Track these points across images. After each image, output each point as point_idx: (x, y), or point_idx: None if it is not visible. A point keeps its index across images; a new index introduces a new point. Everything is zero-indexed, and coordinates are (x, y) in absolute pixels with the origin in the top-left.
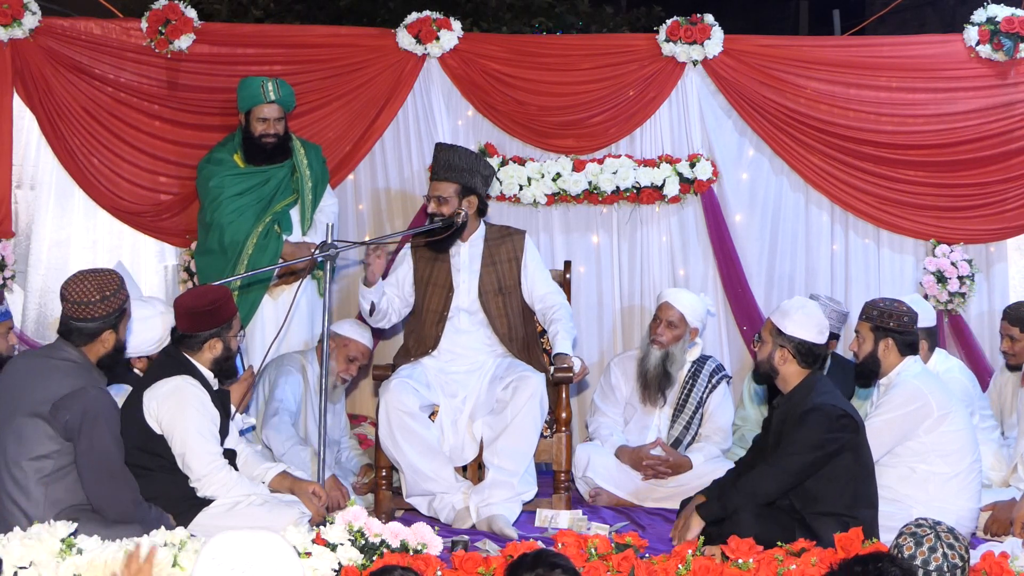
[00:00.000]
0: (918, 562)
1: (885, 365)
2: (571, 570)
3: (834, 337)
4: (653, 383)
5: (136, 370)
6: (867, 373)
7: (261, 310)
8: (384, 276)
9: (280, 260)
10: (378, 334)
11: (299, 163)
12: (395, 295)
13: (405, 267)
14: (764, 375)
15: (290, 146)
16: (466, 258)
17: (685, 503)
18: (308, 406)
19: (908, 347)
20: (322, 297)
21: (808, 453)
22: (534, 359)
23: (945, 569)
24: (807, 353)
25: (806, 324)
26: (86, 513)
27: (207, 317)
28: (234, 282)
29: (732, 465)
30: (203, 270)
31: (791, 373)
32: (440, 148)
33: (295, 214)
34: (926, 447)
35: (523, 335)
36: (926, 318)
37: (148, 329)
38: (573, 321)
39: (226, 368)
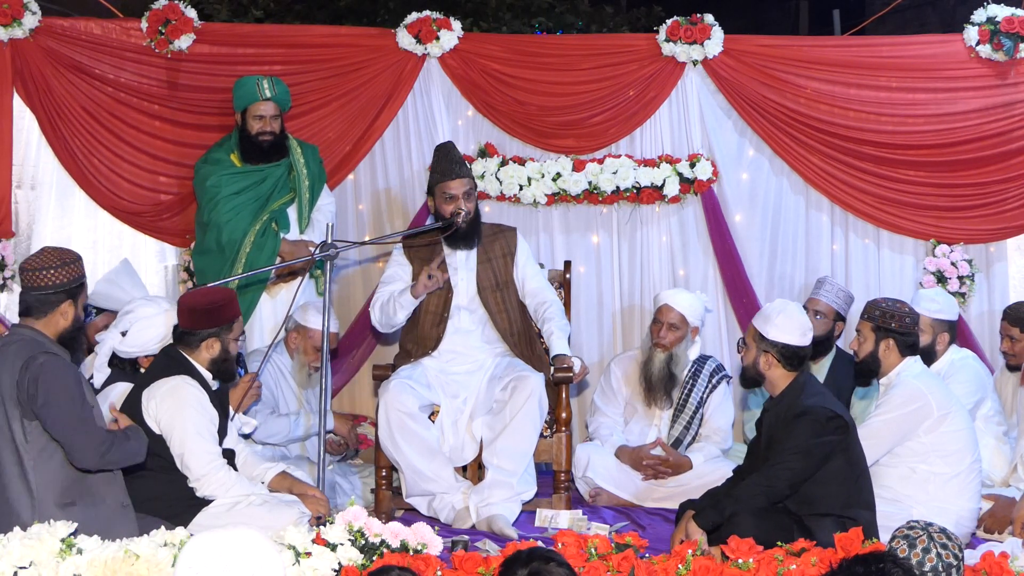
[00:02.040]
0: (912, 563)
1: (885, 365)
2: (565, 564)
3: (840, 319)
4: (659, 386)
5: (143, 369)
6: (866, 372)
7: (259, 309)
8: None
9: (278, 258)
10: (381, 339)
11: (295, 161)
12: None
13: (406, 267)
14: (751, 379)
15: (286, 145)
16: (462, 257)
17: (684, 505)
18: (280, 395)
19: (909, 348)
20: (321, 296)
21: (798, 460)
22: (535, 355)
23: (940, 569)
24: (791, 356)
25: (788, 328)
26: (84, 496)
27: (207, 316)
28: (233, 282)
29: (732, 464)
30: (201, 270)
31: (777, 377)
32: (451, 146)
33: (292, 212)
34: (926, 447)
35: (522, 330)
36: (950, 312)
37: (152, 327)
38: (565, 318)
39: (224, 369)
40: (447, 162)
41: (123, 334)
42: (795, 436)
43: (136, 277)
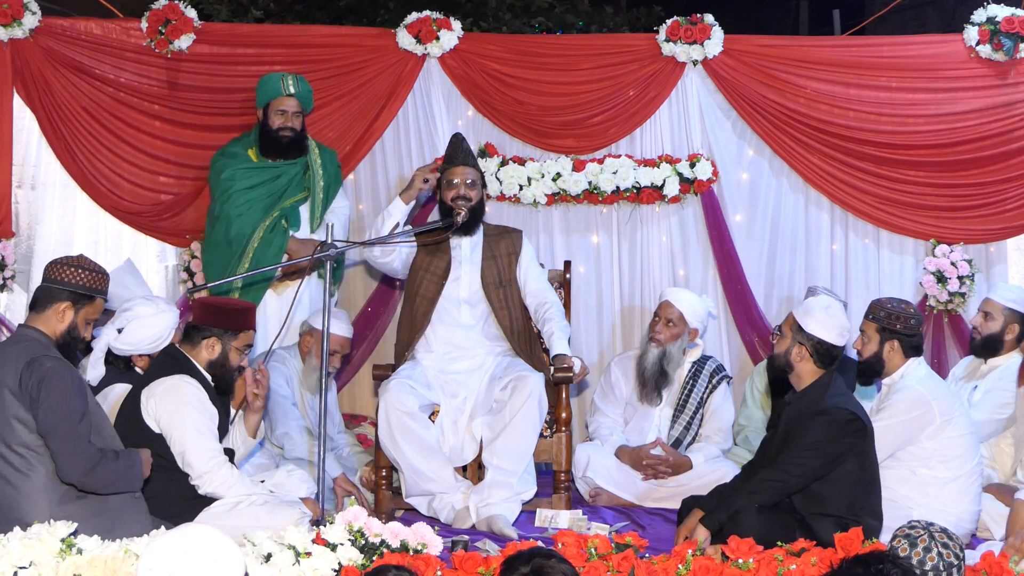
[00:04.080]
0: (913, 563)
1: (889, 366)
2: (566, 563)
3: None
4: (650, 381)
5: (137, 368)
6: (870, 372)
7: (264, 306)
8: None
9: (285, 256)
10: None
11: (312, 162)
12: (397, 257)
13: (412, 247)
14: (778, 368)
15: (305, 144)
16: (468, 250)
17: (687, 502)
18: (275, 402)
19: (913, 349)
20: (332, 296)
21: (812, 459)
22: (534, 356)
23: (941, 568)
24: (824, 353)
25: (828, 325)
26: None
27: (216, 314)
28: (237, 280)
29: (732, 465)
30: (208, 264)
31: (806, 371)
32: (461, 137)
33: (304, 211)
34: (928, 452)
35: (523, 329)
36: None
37: (148, 327)
38: (566, 320)
39: (221, 376)
40: (453, 150)
41: (119, 331)
42: (811, 434)
43: (139, 276)
